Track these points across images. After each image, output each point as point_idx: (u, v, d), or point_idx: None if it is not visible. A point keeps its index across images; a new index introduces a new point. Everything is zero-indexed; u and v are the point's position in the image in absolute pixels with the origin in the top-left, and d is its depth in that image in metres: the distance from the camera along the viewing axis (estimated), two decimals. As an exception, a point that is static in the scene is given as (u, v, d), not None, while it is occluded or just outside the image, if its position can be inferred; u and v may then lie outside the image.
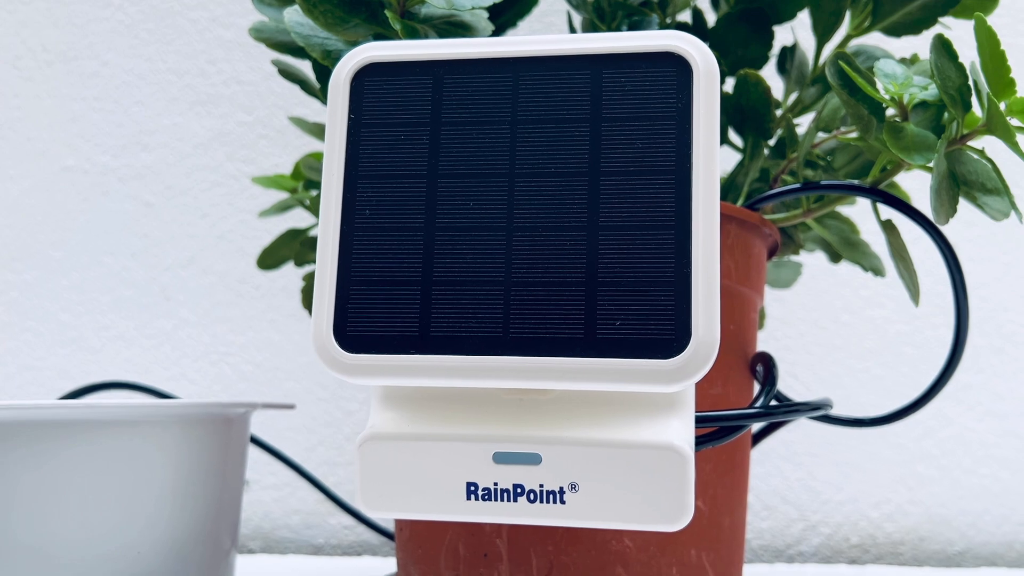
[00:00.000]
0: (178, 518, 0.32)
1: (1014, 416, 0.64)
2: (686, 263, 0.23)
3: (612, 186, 0.24)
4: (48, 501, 0.29)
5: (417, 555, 0.34)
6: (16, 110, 0.65)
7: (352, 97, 0.26)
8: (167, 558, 0.31)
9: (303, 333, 0.63)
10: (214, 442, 0.33)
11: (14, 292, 0.64)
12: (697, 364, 0.22)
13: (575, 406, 0.25)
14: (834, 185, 0.34)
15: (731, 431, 0.29)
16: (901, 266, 0.33)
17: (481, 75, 0.25)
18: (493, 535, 0.32)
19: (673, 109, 0.24)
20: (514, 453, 0.25)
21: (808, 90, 0.40)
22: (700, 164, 0.23)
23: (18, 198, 0.65)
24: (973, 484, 0.63)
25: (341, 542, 0.62)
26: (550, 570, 0.31)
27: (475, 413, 0.25)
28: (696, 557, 0.32)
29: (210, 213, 0.64)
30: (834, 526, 0.63)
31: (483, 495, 0.25)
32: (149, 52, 0.65)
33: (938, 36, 0.31)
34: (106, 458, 0.30)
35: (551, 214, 0.24)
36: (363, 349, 0.24)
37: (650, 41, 0.25)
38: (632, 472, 0.24)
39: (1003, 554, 0.63)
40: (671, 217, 0.23)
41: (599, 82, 0.25)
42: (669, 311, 0.23)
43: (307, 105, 0.65)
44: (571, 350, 0.23)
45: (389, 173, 0.25)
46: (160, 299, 0.63)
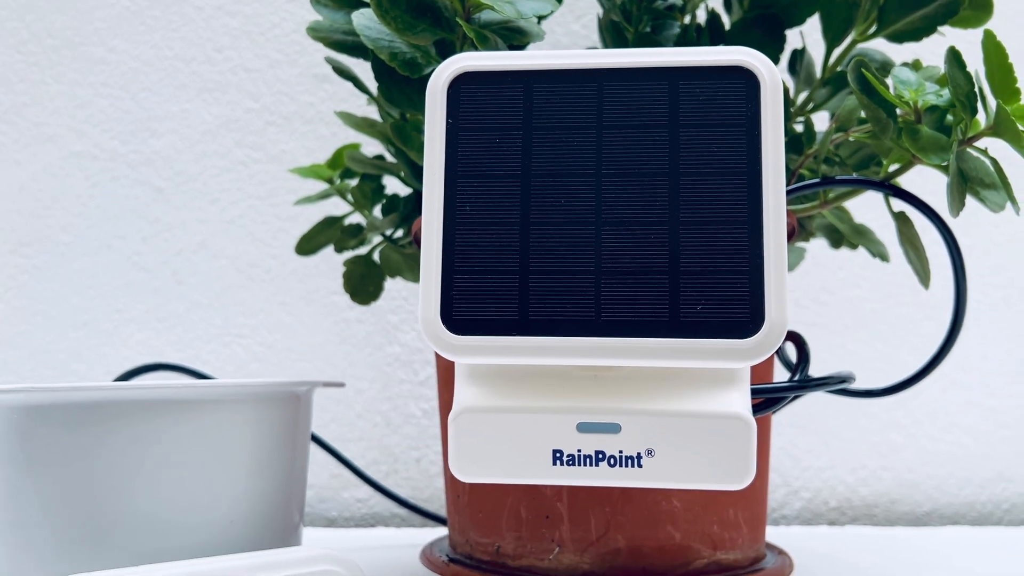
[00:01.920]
0: (259, 488, 0.34)
1: (976, 387, 0.69)
2: (759, 254, 0.26)
3: (690, 185, 0.27)
4: (160, 473, 0.31)
5: (478, 519, 0.37)
6: (22, 95, 0.66)
7: (449, 103, 0.28)
8: (252, 526, 0.34)
9: (313, 315, 0.65)
10: (286, 417, 0.36)
11: (24, 276, 0.65)
12: (770, 343, 0.26)
13: (646, 381, 0.28)
14: (852, 180, 0.37)
15: (775, 402, 0.33)
16: (912, 253, 0.37)
17: (568, 84, 0.28)
18: (554, 498, 0.35)
19: (743, 117, 0.27)
20: (596, 423, 0.28)
21: (819, 91, 0.43)
22: (769, 166, 0.27)
23: (26, 183, 0.65)
24: (939, 450, 0.68)
25: (354, 515, 0.64)
26: (607, 529, 0.34)
27: (557, 388, 0.28)
28: (733, 515, 0.36)
29: (220, 198, 0.65)
30: (814, 491, 0.68)
31: (568, 461, 0.28)
32: (155, 39, 0.66)
33: (951, 48, 0.34)
34: (203, 433, 0.32)
35: (636, 210, 0.27)
36: (468, 331, 0.27)
37: (722, 56, 0.28)
38: (702, 438, 0.27)
39: (965, 514, 0.68)
40: (744, 213, 0.27)
41: (676, 92, 0.28)
42: (745, 297, 0.26)
43: (313, 94, 0.66)
44: (657, 331, 0.26)
45: (486, 173, 0.28)
46: (172, 283, 0.64)
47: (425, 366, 0.65)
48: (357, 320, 0.65)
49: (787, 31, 0.44)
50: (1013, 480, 0.68)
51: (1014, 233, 0.69)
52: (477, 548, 0.37)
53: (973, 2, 0.41)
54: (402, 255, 0.47)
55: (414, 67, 0.36)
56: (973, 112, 0.35)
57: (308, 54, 0.67)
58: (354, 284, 0.46)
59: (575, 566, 0.34)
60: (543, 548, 0.35)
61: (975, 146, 0.35)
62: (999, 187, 0.36)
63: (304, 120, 0.66)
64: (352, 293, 0.46)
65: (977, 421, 0.69)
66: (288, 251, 0.65)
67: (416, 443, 0.65)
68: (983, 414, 0.69)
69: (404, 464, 0.64)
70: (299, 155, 0.66)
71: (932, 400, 0.69)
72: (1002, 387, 0.69)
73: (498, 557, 0.36)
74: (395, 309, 0.66)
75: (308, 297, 0.65)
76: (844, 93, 0.43)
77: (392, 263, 0.48)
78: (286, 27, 0.67)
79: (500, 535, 0.36)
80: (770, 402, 0.33)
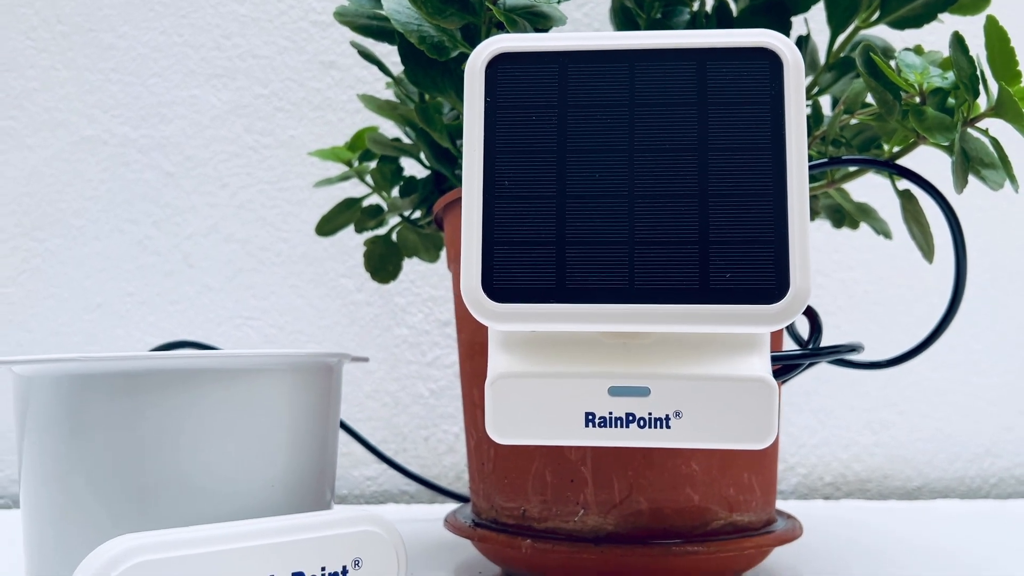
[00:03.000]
0: (295, 454, 0.35)
1: (964, 366, 0.71)
2: (784, 225, 0.28)
3: (718, 160, 0.28)
4: (203, 439, 0.32)
5: (503, 485, 0.38)
6: (33, 81, 0.66)
7: (487, 83, 0.30)
8: (289, 490, 0.35)
9: (323, 297, 0.66)
10: (320, 386, 0.37)
11: (37, 260, 0.66)
12: (795, 308, 0.27)
13: (672, 348, 0.30)
14: (860, 160, 0.39)
15: (791, 369, 0.35)
16: (916, 229, 0.39)
17: (601, 64, 0.29)
18: (578, 462, 0.36)
19: (768, 96, 0.29)
20: (627, 387, 0.29)
21: (824, 75, 0.45)
22: (792, 142, 0.28)
23: (38, 167, 0.66)
24: (929, 427, 0.71)
25: (364, 492, 0.66)
26: (630, 491, 0.36)
27: (589, 355, 0.30)
28: (748, 479, 0.38)
29: (230, 183, 0.66)
30: (809, 467, 0.70)
31: (599, 422, 0.29)
32: (165, 25, 0.67)
33: (955, 34, 0.36)
34: (243, 401, 0.33)
35: (667, 184, 0.28)
36: (508, 299, 0.28)
37: (747, 38, 0.29)
38: (727, 401, 0.29)
39: (955, 488, 0.71)
40: (770, 186, 0.28)
41: (704, 72, 0.29)
42: (771, 265, 0.28)
43: (320, 80, 0.68)
44: (689, 298, 0.28)
45: (523, 149, 0.29)
46: (183, 266, 0.65)
47: (432, 347, 0.67)
48: (366, 302, 0.66)
49: (792, 18, 0.45)
50: (1000, 455, 0.70)
51: (1000, 217, 0.71)
52: (503, 512, 0.38)
53: (971, -11, 0.43)
54: (419, 235, 0.49)
55: (441, 50, 0.37)
56: (975, 94, 0.36)
57: (315, 41, 0.68)
58: (374, 264, 0.47)
59: (599, 527, 0.36)
60: (568, 511, 0.36)
61: (977, 127, 0.37)
62: (999, 166, 0.38)
63: (312, 106, 0.67)
64: (372, 272, 0.47)
65: (966, 399, 0.71)
66: (298, 235, 0.66)
67: (424, 422, 0.66)
68: (971, 392, 0.71)
69: (412, 443, 0.66)
70: (307, 140, 0.67)
71: (922, 379, 0.71)
72: (989, 366, 0.71)
73: (524, 520, 0.37)
74: (402, 292, 0.67)
75: (318, 280, 0.66)
76: (848, 77, 0.44)
77: (409, 243, 0.49)
78: (294, 14, 0.68)
79: (526, 499, 0.37)
80: (786, 369, 0.35)
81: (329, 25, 0.68)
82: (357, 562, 0.32)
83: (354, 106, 0.67)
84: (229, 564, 0.29)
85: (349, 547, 0.32)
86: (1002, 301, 0.71)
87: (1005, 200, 0.71)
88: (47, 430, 0.33)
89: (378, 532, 0.33)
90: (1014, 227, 0.71)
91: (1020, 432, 0.71)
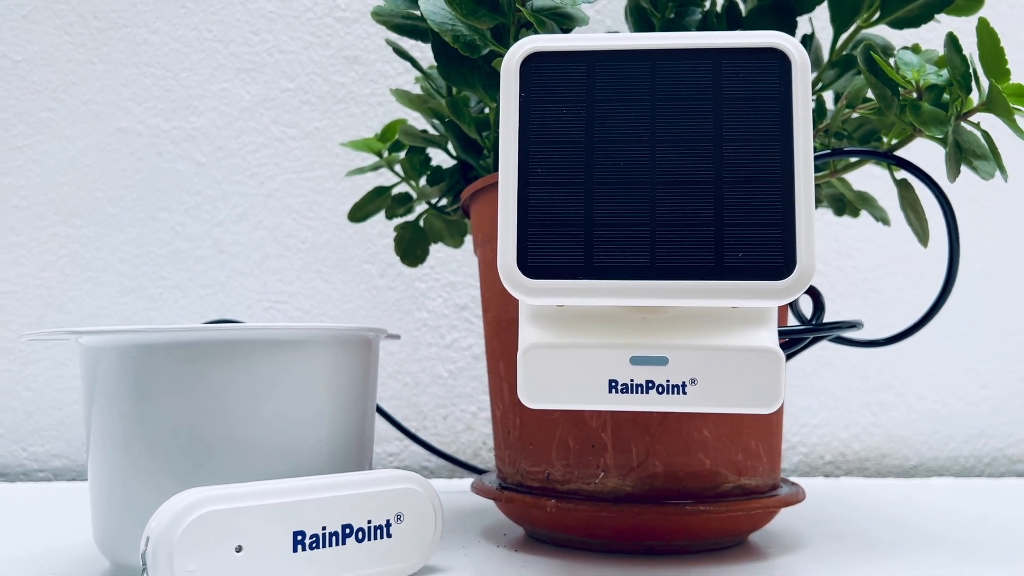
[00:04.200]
0: (339, 419, 0.38)
1: (959, 350, 0.74)
2: (791, 209, 0.31)
3: (732, 150, 0.31)
4: (257, 404, 0.35)
5: (528, 451, 0.42)
6: (70, 74, 0.69)
7: (522, 79, 0.32)
8: (334, 452, 0.38)
9: (346, 283, 0.69)
10: (361, 358, 0.40)
11: (75, 245, 0.69)
12: (801, 284, 0.30)
13: (688, 322, 0.33)
14: (861, 151, 0.42)
15: (796, 343, 0.38)
16: (912, 215, 0.42)
17: (626, 63, 0.32)
18: (599, 429, 0.39)
19: (777, 92, 0.32)
20: (647, 356, 0.32)
21: (828, 71, 0.48)
22: (799, 134, 0.31)
23: (75, 157, 0.69)
24: (925, 409, 0.74)
25: (385, 468, 0.69)
26: (647, 456, 0.39)
27: (612, 328, 0.33)
28: (755, 446, 0.41)
29: (258, 172, 0.69)
30: (810, 446, 0.73)
31: (622, 389, 0.32)
32: (195, 21, 0.70)
33: (949, 34, 0.39)
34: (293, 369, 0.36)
35: (685, 172, 0.31)
36: (541, 276, 0.31)
37: (759, 39, 0.32)
38: (739, 369, 0.32)
39: (949, 467, 0.74)
40: (779, 174, 0.31)
41: (719, 70, 0.32)
42: (779, 245, 0.30)
43: (344, 74, 0.70)
44: (705, 274, 0.30)
45: (555, 139, 0.32)
46: (214, 251, 0.68)
47: (451, 330, 0.70)
48: (388, 287, 0.69)
49: (798, 17, 0.48)
50: (993, 436, 0.73)
51: (992, 208, 0.74)
52: (528, 476, 0.42)
53: (966, -8, 0.45)
54: (444, 222, 0.52)
55: (473, 48, 0.40)
56: (968, 90, 0.39)
57: (340, 37, 0.71)
58: (404, 248, 0.50)
59: (618, 488, 0.39)
60: (589, 474, 0.39)
61: (969, 120, 0.40)
62: (990, 158, 0.40)
63: (336, 99, 0.70)
64: (402, 256, 0.50)
65: (960, 382, 0.74)
66: (322, 222, 0.69)
67: (443, 401, 0.69)
68: (966, 375, 0.74)
69: (432, 421, 0.69)
70: (332, 132, 0.70)
71: (919, 362, 0.74)
72: (983, 350, 0.74)
73: (548, 483, 0.41)
74: (423, 277, 0.70)
75: (341, 266, 0.69)
76: (850, 74, 0.47)
77: (435, 229, 0.52)
78: (319, 11, 0.71)
79: (550, 463, 0.40)
80: (792, 343, 0.38)
81: (353, 21, 0.70)
82: (399, 516, 0.35)
83: (376, 99, 0.70)
84: (285, 516, 0.33)
85: (392, 503, 0.35)
86: (995, 289, 0.74)
87: (998, 191, 0.74)
88: (114, 396, 0.36)
89: (417, 490, 0.36)
90: (1007, 218, 0.74)
91: (1012, 414, 0.74)
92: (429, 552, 0.36)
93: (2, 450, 0.67)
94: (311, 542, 0.33)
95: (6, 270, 0.68)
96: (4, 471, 0.67)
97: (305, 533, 0.33)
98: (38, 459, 0.68)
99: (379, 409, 0.58)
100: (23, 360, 0.68)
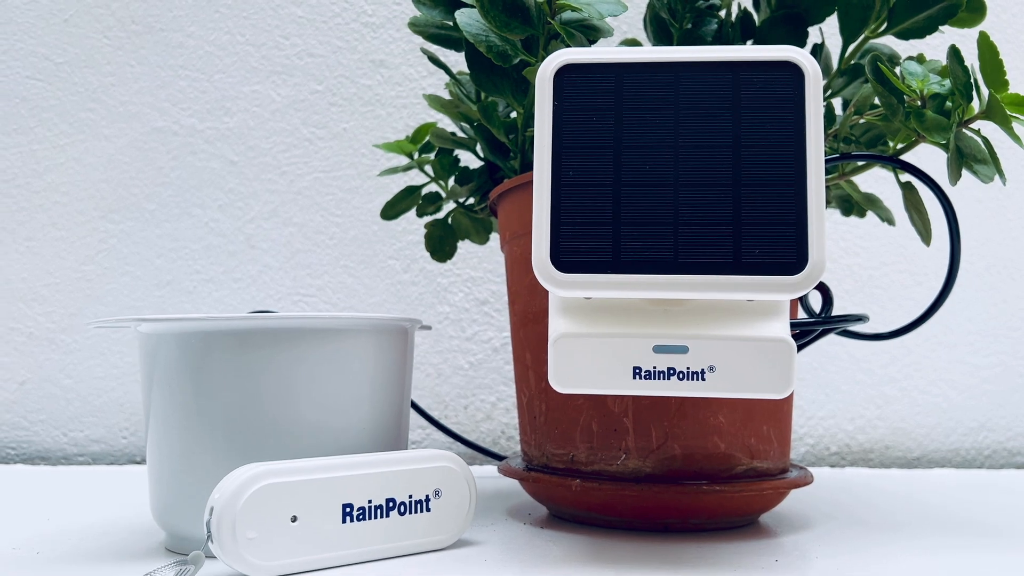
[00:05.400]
0: (380, 401, 0.41)
1: (960, 347, 0.77)
2: (804, 210, 0.33)
3: (750, 156, 0.34)
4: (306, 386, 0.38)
5: (554, 434, 0.44)
6: (109, 76, 0.72)
7: (555, 89, 0.35)
8: (376, 432, 0.41)
9: (372, 277, 0.72)
10: (399, 345, 0.43)
11: (113, 240, 0.72)
12: (812, 279, 0.33)
13: (706, 313, 0.35)
14: (867, 155, 0.45)
15: (806, 334, 0.41)
16: (916, 216, 0.45)
17: (651, 74, 0.35)
18: (621, 415, 0.42)
19: (791, 102, 0.34)
20: (669, 345, 0.35)
21: (837, 80, 0.50)
22: (812, 141, 0.34)
23: (114, 156, 0.72)
24: (928, 403, 0.76)
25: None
26: (665, 439, 0.42)
27: (636, 319, 0.35)
28: (766, 431, 0.44)
29: (288, 171, 0.72)
30: (817, 437, 0.76)
31: (645, 375, 0.35)
32: (229, 26, 0.73)
33: (952, 47, 0.42)
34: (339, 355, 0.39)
35: (706, 175, 0.34)
36: (572, 270, 0.34)
37: (774, 53, 0.35)
38: (753, 357, 0.34)
39: (951, 459, 0.76)
40: (792, 178, 0.34)
41: (738, 81, 0.35)
42: (792, 243, 0.33)
43: (371, 78, 0.73)
44: (724, 270, 0.33)
45: (586, 145, 0.35)
46: (246, 247, 0.71)
47: (471, 324, 0.73)
48: (411, 282, 0.72)
49: (809, 28, 0.51)
50: (994, 430, 0.76)
51: (997, 209, 0.77)
52: (553, 459, 0.44)
53: (970, 5, 0.48)
54: (471, 219, 0.55)
55: (505, 58, 0.43)
56: (969, 99, 0.42)
57: (366, 41, 0.73)
58: (434, 244, 0.53)
59: (639, 469, 0.42)
60: (612, 456, 0.42)
61: (970, 127, 0.43)
62: (989, 162, 0.43)
63: (363, 101, 0.73)
64: (432, 252, 0.53)
65: (962, 377, 0.77)
66: (349, 219, 0.72)
67: (464, 391, 0.72)
68: (968, 370, 0.77)
69: (454, 410, 0.72)
70: (358, 133, 0.73)
71: (922, 358, 0.76)
72: (984, 346, 0.77)
73: (572, 464, 0.43)
74: (445, 273, 0.73)
75: (367, 261, 0.72)
76: (859, 82, 0.50)
77: (462, 227, 0.55)
78: (347, 16, 0.73)
79: (574, 446, 0.43)
80: (802, 334, 0.41)
81: (379, 27, 0.73)
82: (437, 492, 0.38)
83: (401, 101, 0.73)
84: (336, 489, 0.35)
85: (431, 479, 0.38)
86: (997, 287, 0.77)
87: (1002, 193, 0.77)
88: (173, 380, 0.39)
89: (454, 468, 0.39)
90: (1009, 219, 0.77)
91: (1012, 409, 0.76)
92: (464, 526, 0.39)
93: (44, 435, 0.70)
94: (358, 514, 0.36)
95: (48, 263, 0.71)
96: (46, 455, 0.71)
97: (353, 505, 0.36)
98: (78, 444, 0.71)
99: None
100: (64, 350, 0.71)
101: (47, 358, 0.71)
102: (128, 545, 0.40)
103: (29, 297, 0.71)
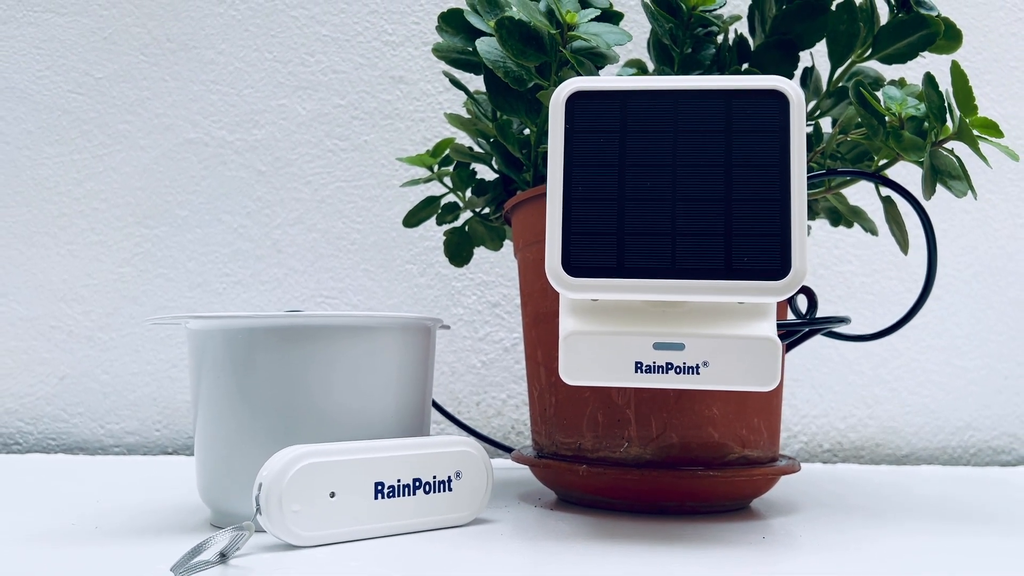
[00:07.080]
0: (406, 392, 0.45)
1: (948, 350, 0.81)
2: (788, 223, 0.37)
3: (740, 174, 0.38)
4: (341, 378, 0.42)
5: (563, 424, 0.49)
6: (145, 91, 0.77)
7: (567, 113, 0.39)
8: (401, 421, 0.45)
9: (390, 281, 0.76)
10: (422, 341, 0.47)
11: (148, 244, 0.76)
12: (795, 284, 0.37)
13: (701, 314, 0.39)
14: (850, 172, 0.49)
15: (793, 334, 0.45)
16: (895, 227, 0.49)
17: (653, 100, 0.39)
18: (624, 407, 0.46)
19: (778, 126, 0.38)
20: (667, 342, 0.39)
21: (825, 101, 0.55)
22: (795, 161, 0.38)
23: (148, 165, 0.76)
24: (916, 403, 0.80)
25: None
26: (664, 429, 0.46)
27: (637, 318, 0.39)
28: (757, 423, 0.48)
29: (312, 181, 0.77)
30: (810, 435, 0.80)
31: (646, 369, 0.39)
32: (257, 44, 0.77)
33: (927, 74, 0.46)
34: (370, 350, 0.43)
35: (701, 191, 0.38)
36: (581, 275, 0.38)
37: (763, 82, 0.39)
38: (744, 354, 0.38)
39: (938, 456, 0.80)
40: (777, 193, 0.38)
41: (730, 107, 0.39)
42: (776, 251, 0.37)
43: (391, 93, 0.78)
44: (716, 275, 0.37)
45: (594, 163, 0.39)
46: (272, 251, 0.76)
47: (484, 325, 0.77)
48: (427, 286, 0.77)
49: (800, 52, 0.55)
50: (979, 429, 0.80)
51: (982, 219, 0.81)
52: (562, 447, 0.49)
53: (947, 34, 0.52)
54: (486, 228, 0.59)
55: (521, 82, 0.47)
56: (943, 121, 0.46)
57: (387, 59, 0.78)
58: (452, 250, 0.57)
59: (640, 456, 0.46)
60: (615, 444, 0.46)
61: (944, 147, 0.47)
62: (962, 178, 0.47)
63: (383, 115, 0.77)
64: (450, 258, 0.57)
65: (950, 378, 0.80)
66: (370, 226, 0.77)
67: (476, 389, 0.76)
68: (954, 372, 0.80)
69: (466, 407, 0.76)
70: (379, 145, 0.77)
71: (911, 360, 0.80)
72: (971, 349, 0.80)
73: (579, 452, 0.48)
74: (459, 277, 0.77)
75: (386, 266, 0.76)
76: (845, 103, 0.54)
77: (478, 234, 0.59)
78: (368, 35, 0.78)
79: (581, 435, 0.47)
80: (789, 334, 0.45)
81: (399, 45, 0.78)
82: (458, 474, 0.43)
83: (420, 115, 0.77)
84: (369, 469, 0.40)
85: (452, 462, 0.42)
86: (982, 292, 0.81)
87: (987, 204, 0.81)
88: (220, 372, 0.43)
89: (473, 452, 0.43)
90: (994, 228, 0.81)
91: (997, 409, 0.80)
92: (482, 505, 0.43)
93: (82, 427, 0.75)
94: (389, 491, 0.40)
95: (88, 266, 0.76)
96: (84, 446, 0.75)
97: (384, 484, 0.40)
98: (114, 435, 0.75)
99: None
100: (101, 347, 0.75)
101: (86, 355, 0.76)
102: (177, 521, 0.45)
103: (69, 297, 0.76)
